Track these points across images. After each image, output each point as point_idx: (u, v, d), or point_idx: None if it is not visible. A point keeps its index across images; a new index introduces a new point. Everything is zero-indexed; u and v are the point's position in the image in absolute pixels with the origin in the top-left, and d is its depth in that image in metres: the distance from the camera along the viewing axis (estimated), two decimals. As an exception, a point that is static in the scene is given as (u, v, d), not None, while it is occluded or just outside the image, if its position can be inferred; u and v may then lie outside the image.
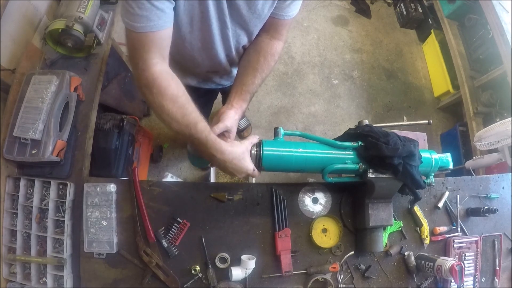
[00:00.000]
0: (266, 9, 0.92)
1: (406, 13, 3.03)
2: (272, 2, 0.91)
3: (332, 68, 2.80)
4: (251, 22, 0.95)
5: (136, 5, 0.74)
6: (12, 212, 1.10)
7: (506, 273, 1.24)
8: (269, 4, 0.91)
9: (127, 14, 0.76)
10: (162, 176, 2.11)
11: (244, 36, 1.01)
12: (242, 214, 1.13)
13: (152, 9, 0.74)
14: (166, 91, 0.81)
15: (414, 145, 1.00)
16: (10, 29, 1.20)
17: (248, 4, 0.88)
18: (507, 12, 2.13)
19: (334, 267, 1.10)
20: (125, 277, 1.07)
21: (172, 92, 0.82)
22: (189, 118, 0.82)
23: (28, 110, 1.10)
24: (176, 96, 0.82)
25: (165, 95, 0.81)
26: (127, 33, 0.80)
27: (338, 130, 2.54)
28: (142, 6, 0.74)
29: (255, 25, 0.97)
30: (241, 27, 0.96)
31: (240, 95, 1.00)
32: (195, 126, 0.82)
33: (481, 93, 2.36)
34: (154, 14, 0.75)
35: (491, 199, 1.26)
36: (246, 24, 0.95)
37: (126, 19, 0.77)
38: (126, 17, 0.77)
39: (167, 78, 0.82)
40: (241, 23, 0.94)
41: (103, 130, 1.54)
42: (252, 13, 0.91)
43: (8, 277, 1.08)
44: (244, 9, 0.89)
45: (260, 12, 0.91)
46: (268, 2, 0.90)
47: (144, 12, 0.74)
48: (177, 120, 0.82)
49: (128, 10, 0.75)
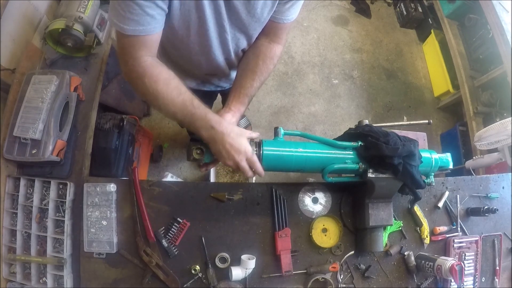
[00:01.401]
0: (265, 13, 0.91)
1: (406, 13, 3.03)
2: (272, 5, 0.90)
3: (332, 68, 2.80)
4: (250, 26, 0.94)
5: (128, 10, 0.74)
6: (12, 212, 1.10)
7: (506, 273, 1.24)
8: (269, 8, 0.90)
9: (117, 16, 0.77)
10: (162, 176, 2.11)
11: (243, 40, 1.01)
12: (242, 214, 1.13)
13: (142, 14, 0.75)
14: (158, 77, 0.83)
15: (414, 145, 1.00)
16: (10, 29, 1.20)
17: (247, 8, 0.87)
18: (507, 12, 2.13)
19: (334, 267, 1.10)
20: (125, 277, 1.07)
21: (164, 76, 0.85)
22: (185, 96, 0.85)
23: (28, 110, 1.10)
24: (169, 79, 0.85)
25: (158, 80, 0.83)
26: (117, 33, 0.82)
27: (338, 130, 2.54)
28: (133, 11, 0.74)
29: (255, 28, 0.97)
30: (240, 30, 0.96)
31: (238, 98, 0.99)
32: (191, 102, 0.85)
33: (481, 93, 2.36)
34: (144, 19, 0.76)
35: (491, 199, 1.26)
36: (246, 27, 0.95)
37: (115, 21, 0.78)
38: (116, 18, 0.77)
39: (157, 65, 0.85)
40: (240, 26, 0.94)
41: (103, 130, 1.53)
42: (251, 17, 0.90)
43: (8, 277, 1.08)
44: (243, 13, 0.88)
45: (259, 16, 0.91)
46: (267, 5, 0.89)
47: (134, 16, 0.75)
48: (173, 100, 0.84)
49: (119, 12, 0.76)
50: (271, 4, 0.89)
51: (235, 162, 0.87)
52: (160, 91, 0.83)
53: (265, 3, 0.88)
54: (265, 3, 0.88)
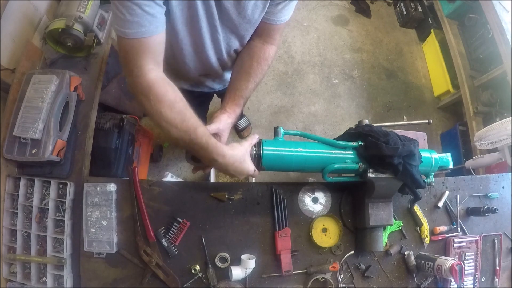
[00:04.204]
0: (256, 14, 0.91)
1: (406, 13, 3.03)
2: (263, 7, 0.90)
3: (332, 67, 2.80)
4: (241, 27, 0.94)
5: (126, 11, 0.72)
6: (12, 211, 1.10)
7: (506, 272, 1.24)
8: (260, 9, 0.90)
9: (118, 21, 0.75)
10: (162, 175, 2.11)
11: (235, 40, 1.01)
12: (242, 214, 1.13)
13: (143, 14, 0.73)
14: (163, 98, 0.79)
15: (414, 144, 1.00)
16: (10, 28, 1.20)
17: (237, 9, 0.87)
18: (507, 12, 2.13)
19: (334, 266, 1.10)
20: (125, 277, 1.07)
21: (170, 99, 0.80)
22: (188, 124, 0.81)
23: (28, 110, 1.10)
24: (174, 102, 0.81)
25: (162, 102, 0.79)
26: (119, 40, 0.79)
27: (338, 130, 2.54)
28: (132, 12, 0.73)
29: (246, 29, 0.97)
30: (231, 31, 0.96)
31: (233, 100, 1.00)
32: (194, 131, 0.81)
33: (481, 92, 2.36)
34: (145, 19, 0.74)
35: (491, 199, 1.26)
36: (236, 28, 0.95)
37: (117, 26, 0.76)
38: (117, 24, 0.75)
39: (164, 84, 0.81)
40: (231, 27, 0.94)
41: (103, 129, 1.53)
42: (242, 18, 0.90)
43: (8, 277, 1.08)
44: (233, 14, 0.88)
45: (250, 18, 0.91)
46: (258, 7, 0.89)
47: (135, 18, 0.73)
48: (176, 126, 0.81)
49: (119, 16, 0.74)
50: (262, 5, 0.89)
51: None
52: (163, 114, 0.80)
53: (255, 4, 0.87)
54: (255, 4, 0.87)
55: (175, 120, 0.80)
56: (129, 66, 0.80)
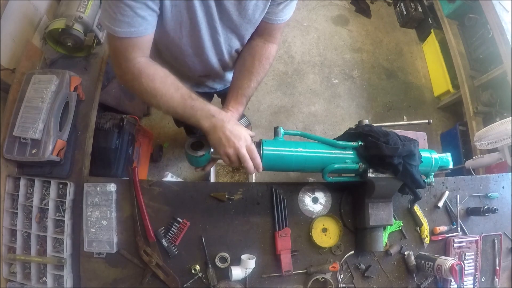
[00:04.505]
0: (257, 14, 0.91)
1: (406, 13, 3.03)
2: (264, 6, 0.90)
3: (332, 67, 2.80)
4: (242, 27, 0.94)
5: (118, 11, 0.74)
6: (12, 211, 1.10)
7: (506, 272, 1.24)
8: (261, 9, 0.90)
9: (109, 18, 0.77)
10: (162, 175, 2.11)
11: (236, 40, 1.01)
12: (242, 214, 1.13)
13: (134, 16, 0.75)
14: (155, 76, 0.85)
15: (414, 144, 1.00)
16: (10, 28, 1.20)
17: (238, 9, 0.87)
18: (507, 12, 2.13)
19: (334, 266, 1.10)
20: (125, 277, 1.07)
21: (160, 75, 0.86)
22: (182, 91, 0.86)
23: (28, 110, 1.10)
24: (165, 77, 0.86)
25: (154, 79, 0.85)
26: (108, 36, 0.82)
27: (338, 130, 2.54)
28: (124, 13, 0.75)
29: (246, 29, 0.97)
30: (232, 31, 0.96)
31: (236, 99, 1.00)
32: (189, 95, 0.87)
33: (481, 92, 2.36)
34: (135, 21, 0.77)
35: (491, 199, 1.26)
36: (237, 28, 0.95)
37: (107, 23, 0.78)
38: (108, 21, 0.77)
39: (152, 65, 0.86)
40: (232, 27, 0.94)
41: (103, 129, 1.53)
42: (243, 18, 0.90)
43: (8, 277, 1.08)
44: (234, 14, 0.88)
45: (250, 17, 0.91)
46: (259, 7, 0.89)
47: (126, 18, 0.75)
48: (172, 96, 0.85)
49: (110, 14, 0.76)
50: (263, 5, 0.89)
51: (235, 148, 0.85)
52: (158, 89, 0.84)
53: (256, 4, 0.87)
54: (256, 4, 0.88)
55: (170, 91, 0.85)
56: (117, 60, 0.85)
